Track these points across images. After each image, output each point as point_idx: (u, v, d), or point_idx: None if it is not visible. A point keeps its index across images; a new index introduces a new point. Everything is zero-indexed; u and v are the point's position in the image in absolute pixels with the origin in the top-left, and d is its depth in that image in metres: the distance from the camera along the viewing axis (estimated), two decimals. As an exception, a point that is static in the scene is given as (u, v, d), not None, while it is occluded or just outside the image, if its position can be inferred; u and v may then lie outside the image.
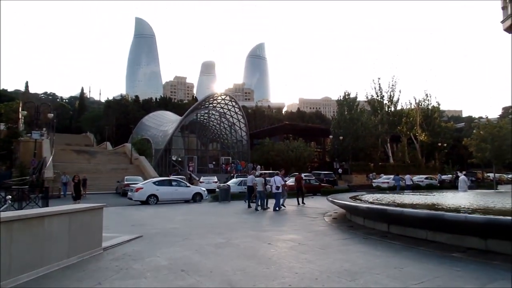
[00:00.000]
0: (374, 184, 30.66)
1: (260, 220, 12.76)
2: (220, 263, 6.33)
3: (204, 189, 22.32)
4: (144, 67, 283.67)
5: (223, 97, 50.22)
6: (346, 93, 51.67)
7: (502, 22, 42.24)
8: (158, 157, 45.28)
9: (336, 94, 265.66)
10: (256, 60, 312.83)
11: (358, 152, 48.34)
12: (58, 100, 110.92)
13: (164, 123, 53.68)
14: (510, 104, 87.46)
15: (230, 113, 50.33)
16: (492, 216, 7.38)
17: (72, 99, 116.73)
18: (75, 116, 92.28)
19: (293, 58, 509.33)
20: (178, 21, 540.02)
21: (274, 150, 44.55)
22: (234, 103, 49.71)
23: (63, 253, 6.07)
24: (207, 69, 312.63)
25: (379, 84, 54.28)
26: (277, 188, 15.86)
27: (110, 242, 7.87)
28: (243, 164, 43.16)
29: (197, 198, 20.81)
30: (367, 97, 55.32)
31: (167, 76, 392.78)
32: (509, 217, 7.21)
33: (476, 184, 34.56)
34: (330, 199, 13.04)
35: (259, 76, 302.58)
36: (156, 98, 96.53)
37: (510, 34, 37.53)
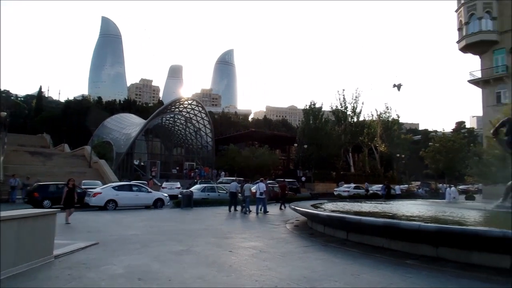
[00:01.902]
0: (335, 193, 31.42)
1: (223, 227, 12.65)
2: (180, 270, 6.20)
3: (166, 195, 21.82)
4: (108, 68, 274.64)
5: (189, 101, 49.61)
6: (312, 103, 52.87)
7: (458, 42, 45.05)
8: (120, 161, 43.76)
9: (302, 103, 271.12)
10: (225, 66, 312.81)
11: (321, 161, 49.39)
12: (12, 98, 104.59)
13: (128, 126, 52.07)
14: (462, 119, 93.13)
15: (196, 118, 49.80)
16: (442, 225, 7.78)
17: (28, 97, 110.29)
18: (31, 115, 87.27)
19: (262, 66, 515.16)
20: (146, 23, 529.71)
21: (239, 157, 44.56)
22: (200, 108, 49.26)
23: (9, 261, 5.68)
24: (175, 73, 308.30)
25: (344, 95, 56.00)
26: (261, 193, 17.16)
27: (63, 249, 7.47)
28: (207, 170, 42.76)
29: (158, 204, 20.30)
30: (331, 108, 56.85)
31: (132, 78, 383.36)
32: (458, 226, 7.63)
33: (430, 194, 36.36)
34: (292, 206, 13.20)
35: (227, 82, 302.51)
36: (120, 100, 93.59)
37: (466, 54, 39.47)
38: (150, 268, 6.36)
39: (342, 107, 55.74)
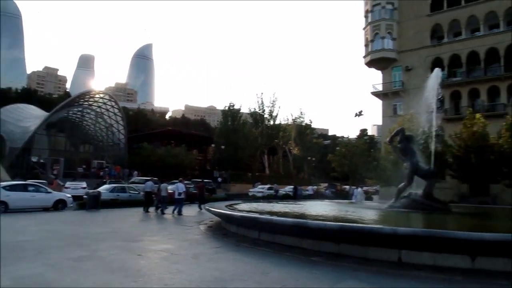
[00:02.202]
0: (250, 193, 32.10)
1: (133, 230, 12.01)
2: (81, 278, 5.70)
3: (69, 195, 19.92)
4: (4, 51, 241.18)
5: (101, 95, 46.16)
6: (231, 104, 53.41)
7: (364, 57, 49.42)
8: (14, 157, 38.75)
9: (221, 104, 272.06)
10: (143, 60, 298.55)
11: (238, 162, 50.11)
12: None
13: (26, 118, 46.24)
14: (365, 127, 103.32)
15: (109, 113, 46.52)
16: (344, 224, 8.48)
17: None
18: None
19: (182, 64, 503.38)
20: (56, 5, 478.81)
21: (154, 156, 42.86)
22: (113, 103, 46.17)
23: None
24: (85, 63, 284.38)
25: (262, 98, 57.72)
26: (179, 194, 17.14)
27: None
28: (118, 169, 40.21)
29: (59, 205, 18.43)
30: (250, 110, 58.14)
31: (34, 65, 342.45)
32: (356, 224, 8.38)
33: (335, 195, 39.44)
34: (207, 207, 13.13)
35: (144, 78, 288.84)
36: (17, 89, 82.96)
37: (371, 68, 43.47)
38: (44, 278, 5.72)
39: (260, 110, 57.38)
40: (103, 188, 23.00)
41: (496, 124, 28.71)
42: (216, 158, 49.84)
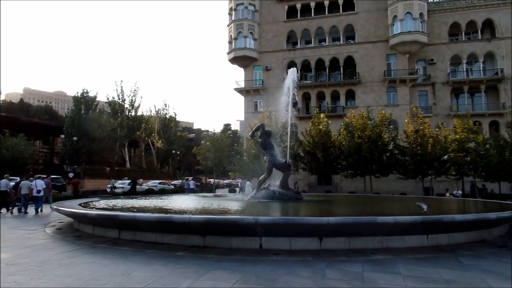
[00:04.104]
0: (108, 190, 29.97)
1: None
2: None
3: None
4: None
5: None
6: (85, 90, 48.16)
7: (228, 53, 51.26)
8: None
9: (73, 90, 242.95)
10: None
11: (93, 155, 45.74)
12: None
13: None
14: (229, 122, 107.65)
15: None
16: (210, 216, 8.66)
17: None
18: None
19: (18, 36, 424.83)
20: None
21: (-19, 147, 35.27)
22: None
23: None
24: None
25: (122, 87, 53.92)
26: (38, 191, 16.41)
27: None
28: None
29: None
30: (108, 98, 53.60)
31: None
32: (221, 216, 8.68)
33: (200, 188, 40.04)
34: (55, 207, 11.56)
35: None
36: None
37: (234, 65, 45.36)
38: None
39: (119, 99, 53.51)
40: None
41: (337, 123, 33.88)
42: (67, 151, 44.17)
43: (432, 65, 40.31)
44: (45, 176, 20.08)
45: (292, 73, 16.48)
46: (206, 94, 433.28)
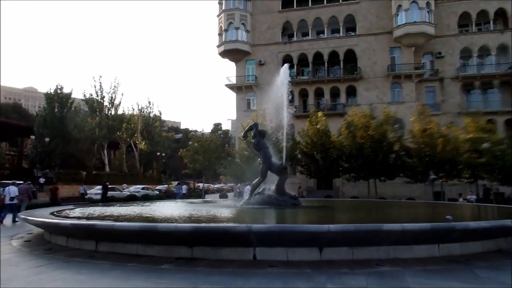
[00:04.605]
0: (86, 196, 29.77)
1: None
2: None
3: None
4: None
5: None
6: (59, 87, 47.67)
7: (218, 46, 51.27)
8: None
9: (45, 86, 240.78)
10: None
11: (68, 158, 45.30)
12: None
13: None
14: (219, 121, 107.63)
15: None
16: (198, 224, 8.54)
17: None
18: None
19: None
20: None
21: None
22: None
23: None
24: None
25: (100, 83, 53.46)
26: (11, 199, 16.58)
27: None
28: None
29: None
30: (85, 95, 53.15)
31: None
32: (211, 224, 8.55)
33: (188, 193, 39.76)
34: (22, 216, 11.32)
35: None
36: None
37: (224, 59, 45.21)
38: None
39: (98, 96, 53.11)
40: None
41: (337, 122, 33.94)
42: (38, 154, 43.64)
43: (440, 58, 40.61)
44: (21, 182, 19.90)
45: (285, 70, 16.43)
46: (194, 91, 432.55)
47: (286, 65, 17.37)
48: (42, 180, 38.70)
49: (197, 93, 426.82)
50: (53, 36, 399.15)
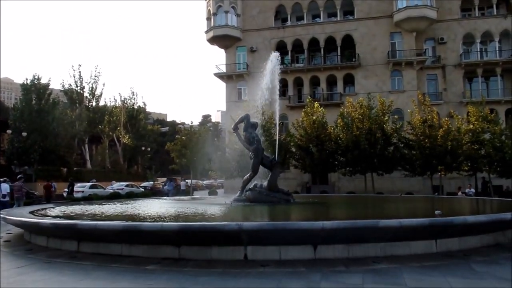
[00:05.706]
0: (65, 194, 29.91)
1: None
2: None
3: None
4: None
5: None
6: (36, 77, 47.17)
7: (206, 32, 50.87)
8: None
9: (21, 76, 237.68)
10: None
11: (47, 154, 44.98)
12: None
13: None
14: (208, 113, 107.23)
15: None
16: (185, 223, 8.65)
17: None
18: None
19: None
20: None
21: None
22: None
23: None
24: None
25: (80, 72, 52.93)
26: (4, 196, 17.26)
27: None
28: None
29: None
30: (63, 86, 52.64)
31: None
32: (199, 223, 8.66)
33: (176, 190, 39.79)
34: (2, 215, 11.36)
35: None
36: None
37: (214, 46, 44.78)
38: None
39: (77, 86, 52.64)
40: None
41: (333, 113, 34.09)
42: (14, 149, 43.29)
43: (442, 44, 40.90)
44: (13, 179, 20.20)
45: (274, 59, 16.40)
46: (181, 81, 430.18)
47: (275, 54, 17.18)
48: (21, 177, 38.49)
49: (184, 83, 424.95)
50: (29, 23, 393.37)
